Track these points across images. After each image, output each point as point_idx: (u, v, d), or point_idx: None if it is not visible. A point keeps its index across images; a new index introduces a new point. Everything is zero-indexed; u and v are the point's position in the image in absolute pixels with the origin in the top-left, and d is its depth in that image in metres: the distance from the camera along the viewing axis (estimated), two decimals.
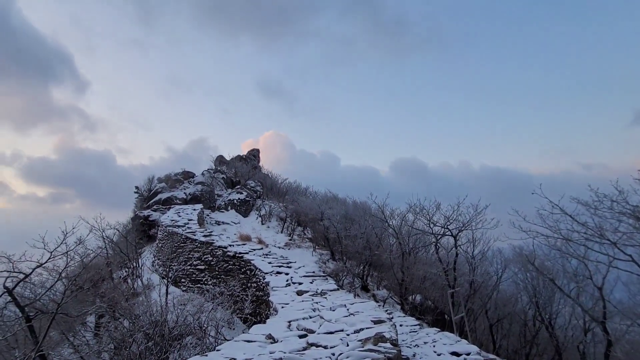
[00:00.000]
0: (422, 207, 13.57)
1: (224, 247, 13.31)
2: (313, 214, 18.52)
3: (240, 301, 11.02)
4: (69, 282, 9.10)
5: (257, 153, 36.02)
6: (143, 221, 19.85)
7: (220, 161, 32.35)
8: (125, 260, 15.37)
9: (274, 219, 22.31)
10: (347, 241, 15.52)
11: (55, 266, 8.92)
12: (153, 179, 25.08)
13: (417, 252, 14.66)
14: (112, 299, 10.53)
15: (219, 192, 25.60)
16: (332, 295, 8.86)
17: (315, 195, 25.92)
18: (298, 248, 17.29)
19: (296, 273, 11.17)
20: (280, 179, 31.48)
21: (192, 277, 13.72)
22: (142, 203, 23.04)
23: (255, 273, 11.50)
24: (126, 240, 16.64)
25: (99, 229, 14.45)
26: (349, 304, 7.62)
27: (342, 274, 13.64)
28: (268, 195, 27.23)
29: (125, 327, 8.50)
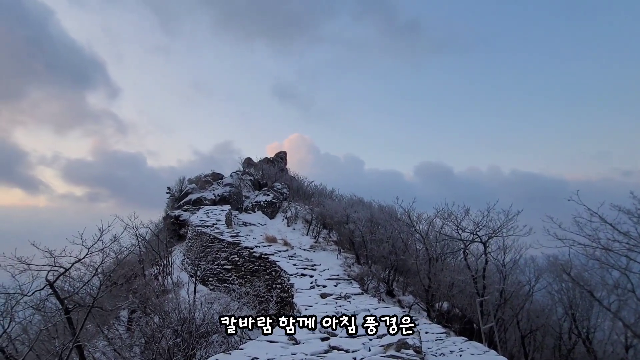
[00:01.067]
0: (451, 212, 13.26)
1: (250, 248, 13.54)
2: (338, 217, 18.51)
3: (265, 302, 11.17)
4: (104, 277, 9.54)
5: (284, 155, 36.44)
6: (174, 221, 20.52)
7: (248, 163, 32.97)
8: (156, 258, 15.94)
9: (299, 221, 22.47)
10: (373, 245, 15.39)
11: (92, 262, 9.38)
12: (184, 180, 25.90)
13: (444, 258, 14.32)
14: (144, 295, 10.96)
15: (247, 194, 26.09)
16: (356, 299, 8.80)
17: (340, 199, 25.90)
18: (323, 251, 17.32)
19: (320, 276, 11.18)
20: (307, 181, 31.72)
21: (219, 277, 14.03)
22: (173, 203, 23.83)
23: (280, 274, 11.62)
24: (158, 238, 17.26)
25: (133, 227, 15.05)
26: (372, 309, 7.54)
27: (367, 278, 13.54)
28: (294, 198, 27.46)
29: (156, 322, 8.81)
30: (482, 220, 12.37)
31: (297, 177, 32.42)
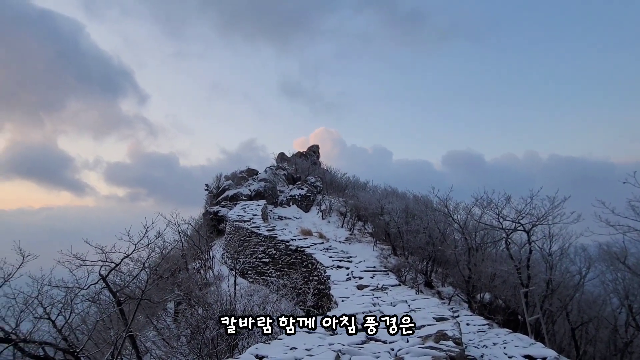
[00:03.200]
0: (490, 200, 12.75)
1: (286, 241, 13.77)
2: (373, 209, 18.36)
3: (303, 294, 11.34)
4: (151, 271, 10.07)
5: (317, 149, 36.55)
6: (213, 216, 21.25)
7: (282, 158, 33.39)
8: (198, 252, 16.61)
9: (334, 213, 22.53)
10: (409, 236, 15.15)
11: (139, 257, 9.94)
12: (220, 176, 26.69)
13: (485, 248, 13.83)
14: (188, 287, 11.47)
15: (281, 188, 26.48)
16: (393, 291, 8.74)
17: (374, 190, 25.65)
18: (358, 243, 17.28)
19: (357, 267, 11.18)
20: (340, 174, 31.65)
21: (257, 270, 14.41)
22: (212, 199, 24.65)
23: (316, 267, 11.75)
24: (198, 234, 17.97)
25: (175, 223, 15.75)
26: (410, 300, 7.45)
27: (404, 270, 13.38)
28: (328, 191, 27.53)
29: (200, 314, 9.20)
30: (524, 208, 11.80)
31: (330, 170, 32.44)
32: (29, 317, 7.39)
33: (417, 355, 3.92)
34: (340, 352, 3.82)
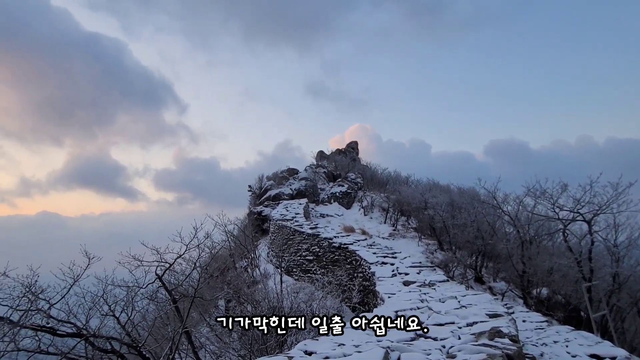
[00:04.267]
0: (544, 189, 11.96)
1: (329, 239, 13.82)
2: (416, 203, 17.92)
3: (348, 290, 11.33)
4: (201, 270, 10.54)
5: (356, 145, 36.31)
6: (257, 216, 21.83)
7: (321, 156, 33.54)
8: (244, 251, 17.15)
9: (376, 209, 22.28)
10: (456, 230, 14.62)
11: (191, 257, 10.42)
12: (262, 177, 27.32)
13: (540, 240, 13.01)
14: (237, 286, 11.87)
15: (322, 186, 26.62)
16: (441, 287, 8.48)
17: (417, 184, 25.02)
18: (403, 238, 16.96)
19: (402, 263, 10.98)
20: (380, 169, 31.22)
21: (302, 267, 14.60)
22: (255, 200, 25.31)
23: (360, 263, 11.68)
24: (244, 233, 18.54)
25: (222, 224, 16.34)
26: (460, 296, 7.19)
27: (451, 265, 12.95)
28: (369, 187, 27.26)
29: (249, 311, 9.50)
30: (583, 196, 10.94)
31: (370, 166, 32.09)
32: (96, 314, 8.00)
33: (470, 352, 3.77)
34: (389, 349, 3.76)
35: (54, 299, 7.25)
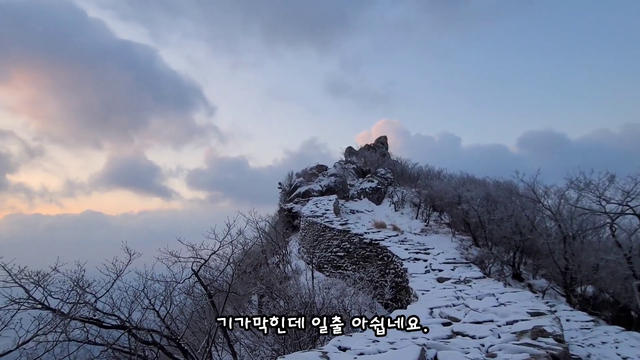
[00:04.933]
0: (589, 181, 11.27)
1: (360, 235, 13.74)
2: (449, 198, 17.42)
3: (380, 287, 11.22)
4: (235, 266, 10.78)
5: (385, 140, 35.81)
6: (287, 213, 22.05)
7: (350, 152, 33.34)
8: (276, 248, 17.38)
9: (407, 205, 21.90)
10: (492, 225, 14.08)
11: (225, 253, 10.68)
12: (292, 174, 27.54)
13: (584, 235, 12.28)
14: (269, 281, 12.05)
15: (351, 182, 26.48)
16: (477, 284, 8.22)
17: (450, 178, 24.34)
18: (435, 234, 16.57)
19: (435, 260, 10.74)
20: (411, 164, 30.63)
21: (333, 263, 14.61)
22: (285, 197, 25.58)
23: (392, 259, 11.53)
24: (275, 230, 18.79)
25: (254, 221, 16.64)
26: (498, 293, 6.93)
27: (487, 261, 12.49)
28: (399, 182, 26.84)
29: (282, 306, 9.61)
30: (633, 188, 10.21)
31: (401, 161, 31.57)
32: (138, 308, 8.38)
33: (511, 352, 3.61)
34: (426, 347, 3.67)
35: (99, 292, 7.67)
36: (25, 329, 6.21)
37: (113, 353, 8.23)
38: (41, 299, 6.79)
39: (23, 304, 6.48)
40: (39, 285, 6.76)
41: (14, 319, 6.15)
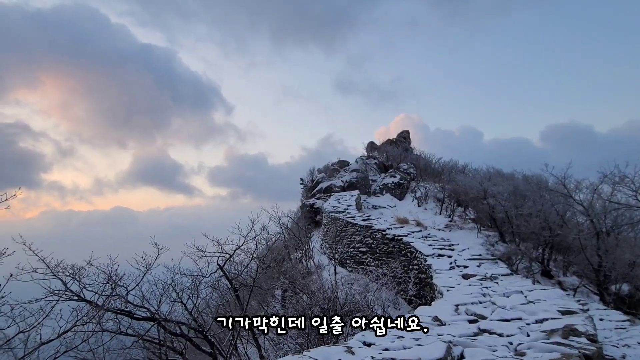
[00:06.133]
0: (623, 174, 10.75)
1: (382, 230, 13.65)
2: (474, 193, 17.01)
3: (403, 283, 11.13)
4: (259, 261, 10.96)
5: (407, 135, 35.30)
6: (309, 209, 22.15)
7: (372, 147, 33.08)
8: (298, 243, 17.52)
9: (430, 200, 21.55)
10: (519, 221, 13.67)
11: (248, 248, 10.87)
12: (314, 170, 27.61)
13: (619, 231, 11.75)
14: (292, 276, 12.19)
15: (373, 178, 26.29)
16: (504, 281, 8.02)
17: (475, 173, 23.76)
18: (460, 230, 16.24)
19: (460, 256, 10.56)
20: (434, 158, 30.08)
21: (355, 259, 14.60)
22: (307, 192, 25.69)
23: (416, 255, 11.41)
24: (297, 226, 18.93)
25: (277, 217, 16.82)
26: (526, 291, 6.75)
27: (515, 258, 12.17)
28: (422, 177, 26.43)
29: (305, 300, 9.71)
30: None
31: (424, 155, 31.03)
32: (166, 301, 8.67)
33: (542, 351, 3.52)
34: (452, 344, 3.63)
35: (130, 285, 7.97)
36: (65, 320, 6.55)
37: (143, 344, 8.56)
38: (77, 291, 7.13)
39: (61, 295, 6.82)
40: (74, 278, 7.10)
41: (54, 309, 6.49)
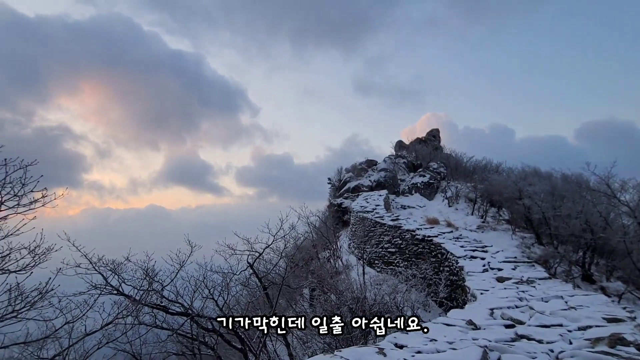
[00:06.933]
0: None
1: (412, 231, 13.41)
2: (509, 193, 16.39)
3: (434, 284, 10.89)
4: (288, 260, 11.06)
5: (437, 133, 34.54)
6: (337, 208, 22.13)
7: (400, 146, 32.62)
8: (326, 242, 17.54)
9: (461, 200, 20.99)
10: (557, 222, 13.04)
11: (277, 247, 11.00)
12: (341, 169, 27.56)
13: None
14: (320, 275, 12.21)
15: (402, 177, 25.91)
16: (542, 285, 7.68)
17: (509, 172, 22.90)
18: (493, 231, 15.71)
19: (494, 258, 10.21)
20: (465, 157, 29.27)
21: (384, 259, 14.44)
22: (335, 192, 25.68)
23: (446, 257, 11.14)
24: (325, 225, 18.95)
25: (305, 216, 16.88)
26: (567, 296, 6.43)
27: (553, 261, 11.62)
28: (453, 176, 25.78)
29: (333, 300, 9.70)
30: None
31: (454, 154, 30.25)
32: (198, 297, 8.92)
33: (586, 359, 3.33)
34: (488, 349, 3.50)
35: (165, 281, 8.27)
36: (107, 313, 6.88)
37: (177, 338, 8.85)
38: (117, 286, 7.47)
39: (102, 289, 7.17)
40: (114, 273, 7.45)
41: (97, 303, 6.83)
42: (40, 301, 5.15)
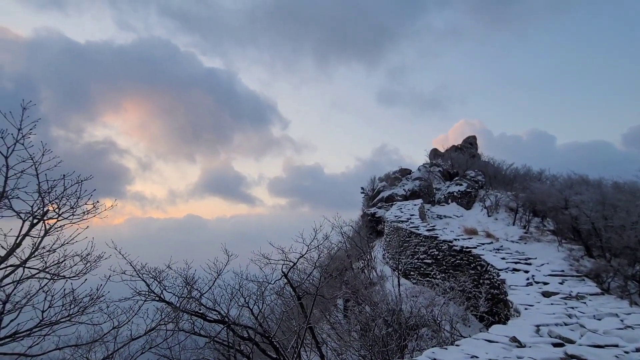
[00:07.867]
0: None
1: (449, 241, 13.01)
2: (553, 202, 15.50)
3: (473, 298, 10.47)
4: (321, 270, 11.04)
5: (474, 140, 33.46)
6: (370, 218, 21.90)
7: (435, 154, 31.88)
8: (360, 253, 17.35)
9: (501, 209, 20.10)
10: (610, 233, 12.15)
11: (311, 257, 11.03)
12: (374, 179, 27.32)
13: None
14: (354, 286, 12.08)
15: (437, 186, 25.27)
16: (593, 301, 7.17)
17: (553, 180, 21.71)
18: (537, 242, 14.89)
19: (538, 271, 9.67)
20: (505, 165, 28.09)
21: (420, 271, 14.07)
22: (368, 201, 25.45)
23: (487, 269, 10.68)
24: (359, 235, 18.78)
25: (338, 226, 16.85)
26: (622, 314, 5.96)
27: (605, 275, 10.80)
28: (492, 185, 24.79)
29: (368, 312, 9.56)
30: None
31: (493, 162, 29.13)
32: (234, 305, 9.09)
33: None
34: None
35: (203, 289, 8.52)
36: (151, 319, 7.19)
37: (214, 345, 9.05)
38: (159, 293, 7.79)
39: (146, 296, 7.50)
40: (156, 280, 7.77)
41: (142, 309, 7.16)
42: (91, 306, 5.48)
